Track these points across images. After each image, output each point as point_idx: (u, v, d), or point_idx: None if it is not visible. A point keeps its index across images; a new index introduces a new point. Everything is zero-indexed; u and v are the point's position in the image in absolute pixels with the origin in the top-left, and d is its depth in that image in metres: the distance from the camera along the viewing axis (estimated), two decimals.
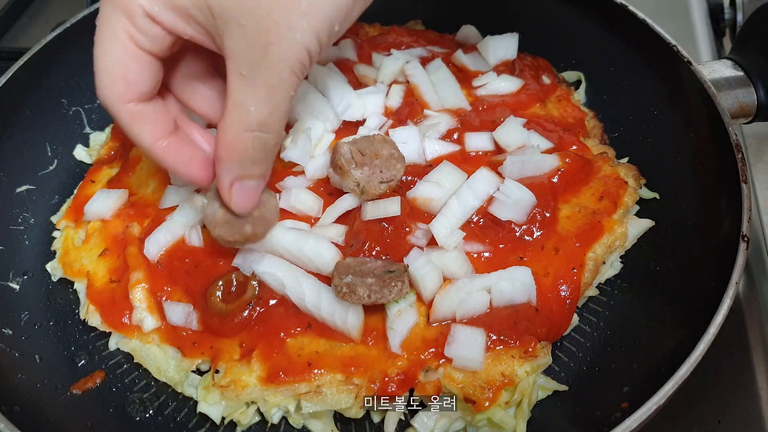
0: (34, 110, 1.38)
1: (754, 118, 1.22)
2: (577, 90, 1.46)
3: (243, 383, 1.01)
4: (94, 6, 1.46)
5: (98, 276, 1.16)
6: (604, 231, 1.14)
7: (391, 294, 0.99)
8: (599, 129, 1.37)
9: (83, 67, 1.47)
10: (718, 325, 0.89)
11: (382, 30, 1.61)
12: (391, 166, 1.12)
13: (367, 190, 1.10)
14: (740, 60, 1.23)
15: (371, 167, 1.12)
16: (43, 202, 1.35)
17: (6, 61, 1.44)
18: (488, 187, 1.14)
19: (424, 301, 1.05)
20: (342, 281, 1.00)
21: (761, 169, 1.46)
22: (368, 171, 1.11)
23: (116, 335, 1.14)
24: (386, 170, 1.12)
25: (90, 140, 1.46)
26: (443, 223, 1.09)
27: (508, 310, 1.04)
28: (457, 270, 1.05)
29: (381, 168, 1.12)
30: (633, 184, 1.22)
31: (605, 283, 1.19)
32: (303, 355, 1.02)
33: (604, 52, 1.41)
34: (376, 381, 0.99)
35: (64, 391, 1.08)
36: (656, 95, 1.29)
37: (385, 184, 1.11)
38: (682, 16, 1.77)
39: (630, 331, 1.09)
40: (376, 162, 1.12)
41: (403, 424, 1.03)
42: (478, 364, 0.98)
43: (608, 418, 0.88)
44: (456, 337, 1.00)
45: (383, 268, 1.03)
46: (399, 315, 1.02)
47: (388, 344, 1.01)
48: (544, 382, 1.04)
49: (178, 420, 1.06)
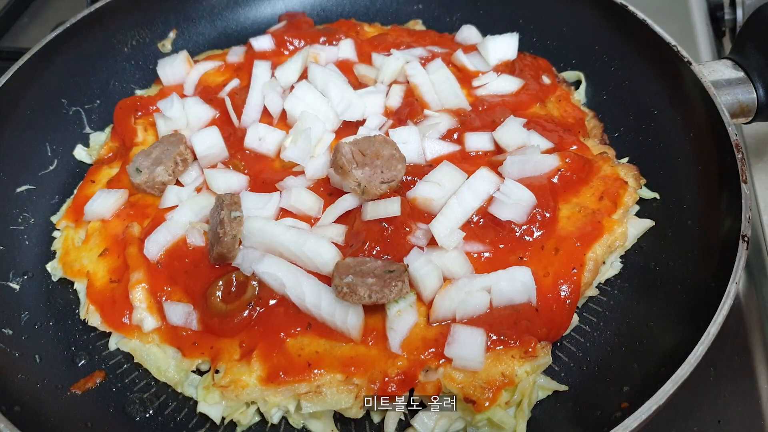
0: (34, 110, 1.38)
1: (754, 118, 1.22)
2: (577, 90, 1.46)
3: (243, 383, 1.01)
4: (94, 6, 1.46)
5: (98, 276, 1.16)
6: (604, 231, 1.14)
7: (391, 294, 0.99)
8: (599, 129, 1.37)
9: (83, 67, 1.48)
10: (718, 325, 0.89)
11: (382, 30, 1.61)
12: (392, 167, 1.12)
13: (368, 190, 1.10)
14: (740, 60, 1.23)
15: (372, 167, 1.12)
16: (43, 202, 1.35)
17: (6, 61, 1.44)
18: (488, 187, 1.14)
19: (424, 301, 1.05)
20: (342, 281, 1.00)
21: (761, 169, 1.46)
22: (369, 171, 1.11)
23: (116, 335, 1.14)
24: (387, 170, 1.12)
25: (90, 140, 1.46)
26: (443, 223, 1.09)
27: (508, 310, 1.04)
28: (457, 270, 1.05)
29: (382, 168, 1.12)
30: (633, 184, 1.22)
31: (605, 283, 1.18)
32: (303, 355, 1.02)
33: (604, 52, 1.41)
34: (376, 381, 0.99)
35: (64, 391, 1.07)
36: (656, 95, 1.29)
37: (386, 185, 1.11)
38: (682, 16, 1.77)
39: (630, 331, 1.09)
40: (377, 162, 1.12)
41: (403, 424, 1.03)
42: (478, 364, 0.98)
43: (608, 418, 0.88)
44: (456, 337, 1.00)
45: (383, 268, 1.03)
46: (399, 315, 1.02)
47: (388, 344, 1.01)
48: (544, 382, 1.04)
49: (178, 420, 1.06)
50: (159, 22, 1.60)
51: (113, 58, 1.53)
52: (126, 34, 1.55)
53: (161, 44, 1.60)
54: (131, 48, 1.56)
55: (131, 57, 1.56)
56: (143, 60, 1.57)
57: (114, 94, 1.51)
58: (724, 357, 1.14)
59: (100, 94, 1.50)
